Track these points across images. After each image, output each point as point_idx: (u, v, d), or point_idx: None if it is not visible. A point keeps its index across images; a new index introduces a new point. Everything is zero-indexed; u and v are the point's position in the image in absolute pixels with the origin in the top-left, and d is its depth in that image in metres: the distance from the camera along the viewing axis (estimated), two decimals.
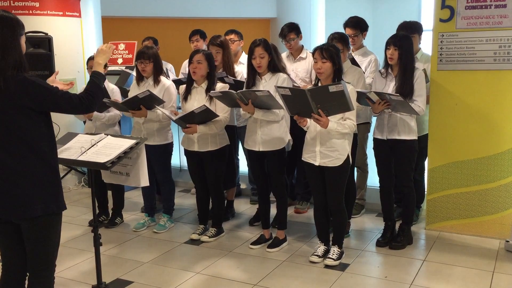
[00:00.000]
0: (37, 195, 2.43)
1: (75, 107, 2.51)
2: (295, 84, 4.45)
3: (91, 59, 4.66)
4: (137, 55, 4.45)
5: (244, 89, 3.93)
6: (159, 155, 4.49)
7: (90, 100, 2.51)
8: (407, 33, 4.07)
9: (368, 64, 4.62)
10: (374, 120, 4.25)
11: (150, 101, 4.18)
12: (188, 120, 4.03)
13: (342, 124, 3.57)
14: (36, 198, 2.43)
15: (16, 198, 2.41)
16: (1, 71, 2.32)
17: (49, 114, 2.50)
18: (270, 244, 4.15)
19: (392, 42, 3.85)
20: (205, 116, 3.99)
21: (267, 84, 3.92)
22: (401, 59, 3.83)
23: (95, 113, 4.49)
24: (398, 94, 3.72)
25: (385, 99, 3.78)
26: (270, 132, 3.96)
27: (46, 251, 2.55)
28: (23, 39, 2.44)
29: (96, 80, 2.60)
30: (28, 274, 2.60)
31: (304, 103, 3.43)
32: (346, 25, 4.68)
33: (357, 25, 4.65)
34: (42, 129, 2.45)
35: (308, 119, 3.61)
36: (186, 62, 5.59)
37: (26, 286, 2.62)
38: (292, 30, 4.69)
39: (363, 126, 4.54)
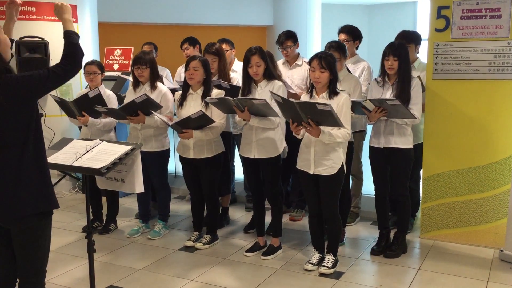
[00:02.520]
0: (26, 194, 2.40)
1: (64, 78, 2.50)
2: (291, 91, 4.46)
3: (87, 64, 4.65)
4: (133, 61, 4.44)
5: (240, 97, 3.94)
6: (156, 162, 4.48)
7: (72, 63, 2.52)
8: (405, 42, 4.09)
9: (361, 71, 4.64)
10: (369, 128, 4.26)
11: (147, 106, 4.16)
12: (184, 125, 4.03)
13: (334, 134, 3.55)
14: (25, 198, 2.40)
15: (4, 199, 2.39)
16: None
17: (37, 112, 2.46)
18: (264, 251, 4.14)
19: (391, 52, 3.84)
20: (201, 121, 3.99)
21: (263, 91, 3.92)
22: (400, 69, 3.84)
23: (91, 119, 4.47)
24: (394, 98, 3.72)
25: (382, 106, 3.78)
26: (266, 139, 3.95)
27: (36, 256, 2.52)
28: (1, 32, 2.38)
29: (71, 39, 2.59)
30: (18, 280, 2.58)
31: (295, 113, 3.45)
32: (341, 30, 4.72)
33: (351, 31, 4.70)
34: (31, 128, 2.42)
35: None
36: (180, 69, 5.60)
37: None
38: (289, 38, 4.71)
39: (358, 134, 4.55)
